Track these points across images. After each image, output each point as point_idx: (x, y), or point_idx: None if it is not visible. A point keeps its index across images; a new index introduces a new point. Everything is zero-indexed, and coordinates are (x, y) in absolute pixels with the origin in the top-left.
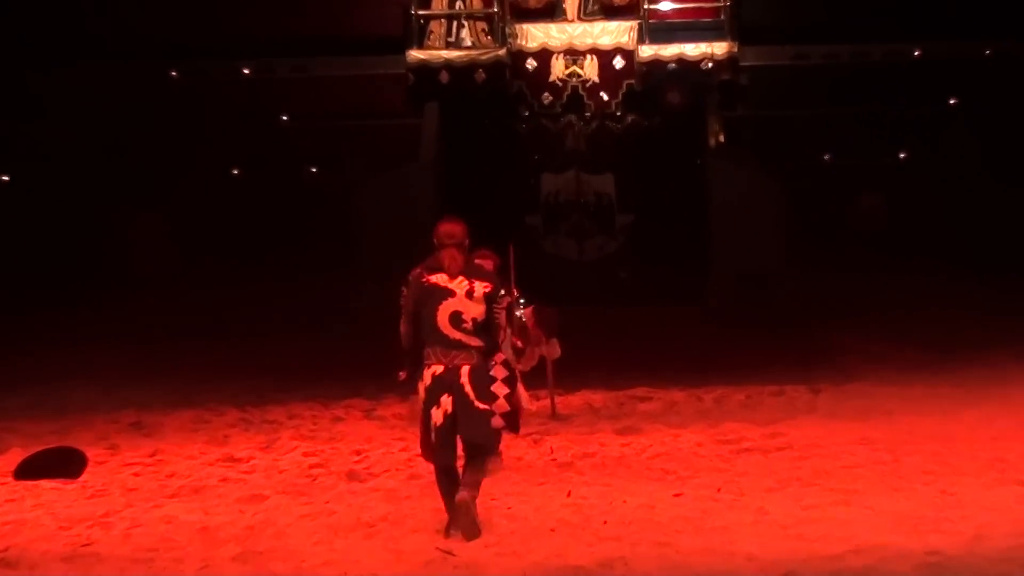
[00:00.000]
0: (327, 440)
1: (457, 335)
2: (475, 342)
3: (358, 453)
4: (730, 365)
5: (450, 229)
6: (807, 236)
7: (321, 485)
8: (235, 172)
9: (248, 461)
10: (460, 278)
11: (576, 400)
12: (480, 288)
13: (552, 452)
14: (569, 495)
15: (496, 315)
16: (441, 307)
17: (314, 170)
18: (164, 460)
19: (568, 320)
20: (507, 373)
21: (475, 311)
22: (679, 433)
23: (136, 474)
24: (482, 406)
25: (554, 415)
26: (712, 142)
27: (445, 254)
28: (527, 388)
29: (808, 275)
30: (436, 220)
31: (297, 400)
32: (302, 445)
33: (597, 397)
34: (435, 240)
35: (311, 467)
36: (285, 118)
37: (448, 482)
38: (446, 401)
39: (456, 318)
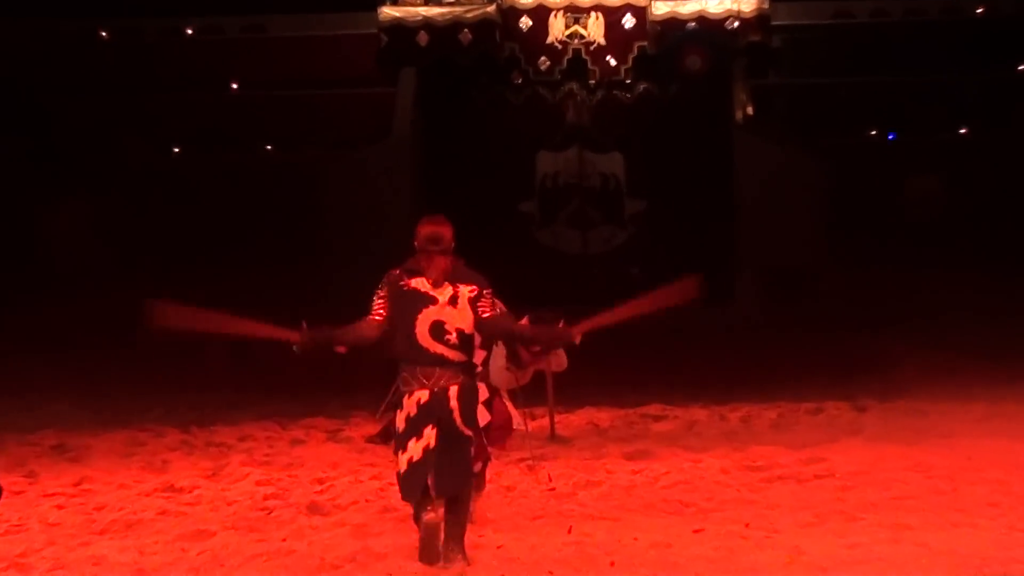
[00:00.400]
0: (284, 466)
1: (439, 349)
2: (459, 357)
3: (321, 482)
4: (760, 378)
5: (434, 232)
6: (851, 225)
7: (277, 519)
8: (176, 151)
9: (191, 491)
10: (444, 284)
11: (578, 419)
12: (465, 292)
13: (550, 480)
14: (570, 531)
15: (484, 316)
16: (420, 316)
17: (269, 148)
18: (92, 490)
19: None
20: (487, 395)
21: (460, 320)
22: (699, 458)
23: (59, 506)
24: (467, 431)
25: (553, 437)
26: (739, 115)
27: (427, 261)
28: (519, 405)
29: (852, 271)
30: (412, 206)
31: (249, 419)
32: (255, 472)
33: (603, 416)
34: (416, 244)
35: (266, 498)
36: (235, 87)
37: (432, 542)
38: (430, 434)
39: (438, 329)
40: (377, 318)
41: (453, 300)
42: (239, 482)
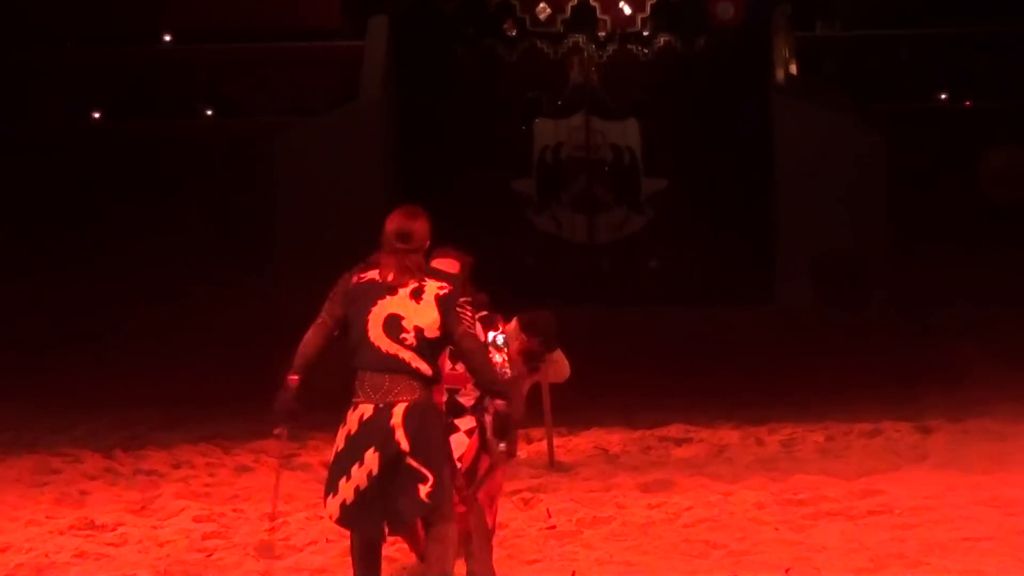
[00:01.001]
0: (228, 499)
1: (393, 348)
2: (416, 363)
3: (272, 518)
4: (805, 392)
5: (403, 227)
6: (916, 207)
7: (219, 564)
8: (96, 116)
9: (115, 529)
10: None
11: (584, 443)
12: (433, 287)
13: (550, 516)
14: None
15: (460, 328)
16: (375, 308)
17: (209, 113)
18: None
19: (571, 327)
20: (470, 425)
21: (421, 318)
22: (731, 490)
23: None
24: (413, 462)
25: (552, 464)
26: (780, 74)
27: (389, 262)
28: None
29: (915, 263)
30: (383, 184)
31: (186, 441)
32: (192, 506)
33: (614, 438)
34: (382, 241)
35: (205, 537)
36: (168, 39)
37: (367, 564)
38: (372, 459)
39: (393, 324)
40: (319, 320)
41: (416, 293)
42: (173, 518)
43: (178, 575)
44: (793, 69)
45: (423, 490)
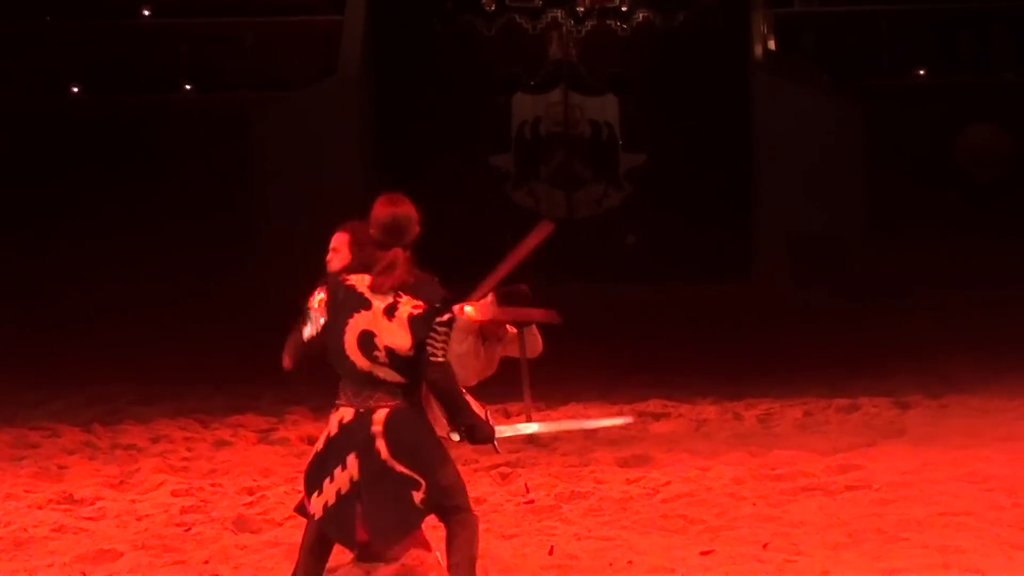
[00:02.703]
0: (206, 473)
1: (366, 365)
2: (393, 377)
3: (250, 492)
4: (782, 368)
5: (395, 218)
6: (892, 184)
7: (198, 537)
8: (74, 91)
9: (93, 503)
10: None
11: (562, 418)
12: (406, 307)
13: (528, 491)
14: (551, 553)
15: (433, 353)
16: (351, 321)
17: (188, 88)
18: None
19: (549, 303)
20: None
21: (392, 337)
22: (709, 465)
23: None
24: (401, 468)
25: (531, 439)
26: (758, 50)
27: (388, 256)
28: (485, 402)
29: (893, 240)
30: (361, 159)
31: (164, 415)
32: (170, 480)
33: (592, 413)
34: (372, 232)
35: (183, 512)
36: (147, 13)
37: (315, 558)
38: (352, 464)
39: (366, 341)
40: (304, 327)
41: (389, 311)
42: (151, 492)
43: (156, 549)
44: (771, 45)
45: (417, 496)
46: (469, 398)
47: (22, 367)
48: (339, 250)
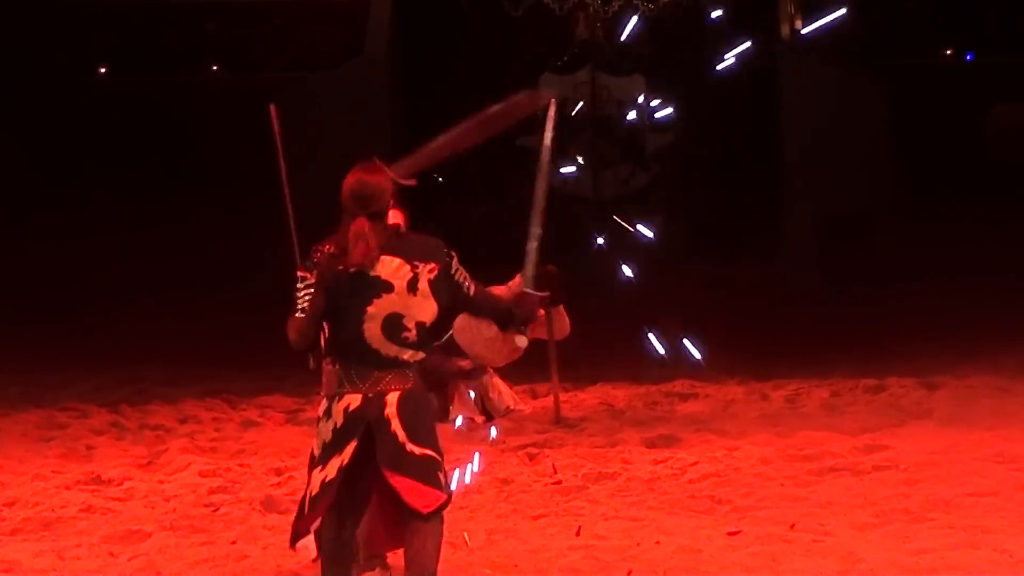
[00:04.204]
0: (234, 454)
1: (393, 351)
2: (416, 357)
3: (278, 472)
4: (809, 348)
5: (362, 185)
6: (922, 164)
7: (226, 518)
8: (101, 70)
9: (121, 483)
10: (392, 259)
11: (589, 398)
12: (424, 275)
13: (555, 472)
14: (578, 533)
15: (466, 290)
16: (370, 309)
17: (216, 68)
18: (1, 482)
19: (576, 284)
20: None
21: (421, 311)
22: (736, 445)
23: None
24: (419, 450)
25: (558, 420)
26: (785, 29)
27: (352, 227)
28: (513, 383)
29: (922, 219)
30: (389, 140)
31: (192, 396)
32: (198, 461)
33: (619, 394)
34: (341, 203)
35: (211, 492)
36: None
37: (338, 564)
38: (348, 450)
39: (394, 325)
40: (300, 315)
41: (412, 286)
42: (179, 473)
43: (184, 529)
44: (798, 24)
45: (441, 477)
46: (496, 379)
47: (50, 349)
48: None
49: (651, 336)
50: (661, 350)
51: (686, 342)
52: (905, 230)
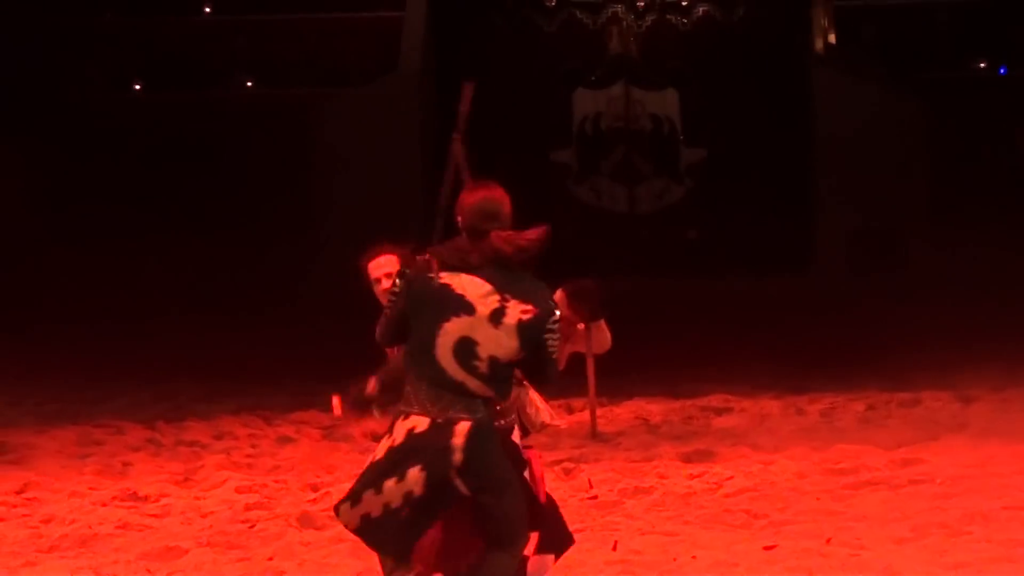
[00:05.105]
0: (270, 470)
1: (460, 375)
2: (485, 392)
3: (314, 488)
4: (845, 362)
5: (490, 202)
6: (955, 177)
7: (262, 534)
8: (136, 87)
9: (158, 500)
10: (483, 284)
11: (625, 413)
12: (515, 312)
13: (591, 487)
14: (615, 548)
15: (551, 351)
16: (447, 325)
17: (250, 84)
18: (38, 499)
19: (612, 298)
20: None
21: (498, 347)
22: (772, 459)
23: None
24: (467, 488)
25: (594, 434)
26: (818, 44)
27: (477, 246)
28: (548, 397)
29: (956, 231)
30: (422, 155)
31: (227, 412)
32: (234, 477)
33: (654, 408)
34: (461, 220)
35: (248, 508)
36: (208, 10)
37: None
38: (415, 478)
39: (466, 349)
40: (393, 315)
41: (496, 317)
42: (215, 489)
43: (221, 546)
44: (832, 38)
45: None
46: (534, 393)
47: (87, 364)
48: (393, 274)
49: None
50: None
51: None
52: (938, 242)
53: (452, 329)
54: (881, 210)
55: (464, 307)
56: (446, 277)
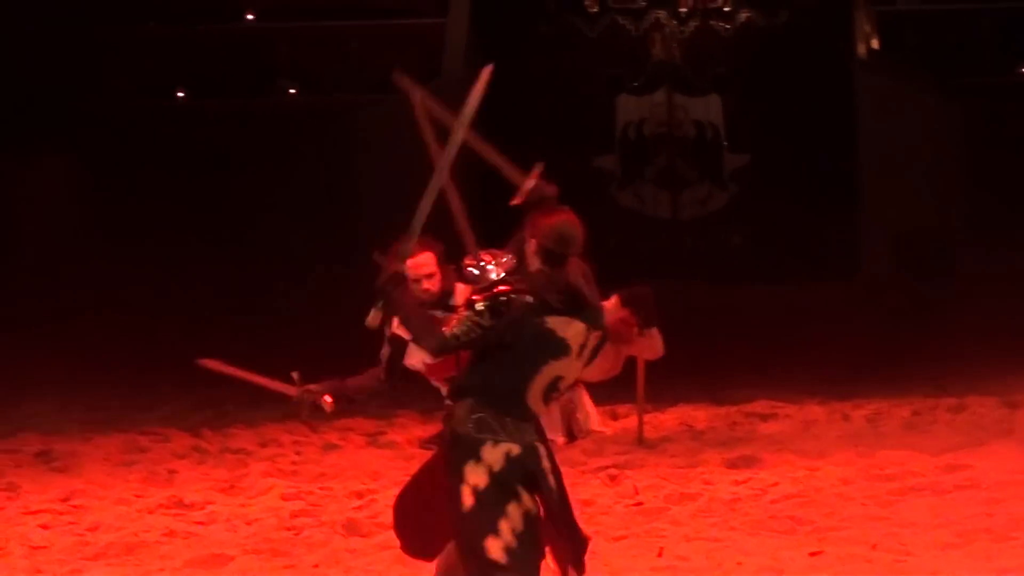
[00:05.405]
0: (315, 477)
1: (540, 410)
2: (546, 414)
3: (360, 496)
4: (889, 367)
5: (570, 226)
6: (999, 181)
7: (308, 541)
8: (179, 96)
9: (204, 507)
10: (583, 328)
11: (670, 419)
12: (592, 340)
13: (636, 493)
14: (661, 554)
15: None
16: (545, 369)
17: (293, 92)
18: (84, 506)
19: (659, 304)
20: None
21: (573, 375)
22: (817, 465)
23: (44, 526)
24: (565, 504)
25: (641, 440)
26: (862, 49)
27: (573, 270)
28: (597, 402)
29: (1001, 237)
30: (466, 162)
31: (272, 420)
32: (280, 484)
33: (699, 415)
34: (536, 241)
35: (293, 516)
36: (250, 17)
37: None
38: (527, 498)
39: (552, 386)
40: (451, 336)
41: (581, 351)
42: (261, 496)
43: (266, 553)
44: (875, 44)
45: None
46: (587, 397)
47: (132, 371)
48: (435, 273)
49: None
50: None
51: None
52: (983, 247)
53: (549, 371)
54: (926, 215)
55: (564, 350)
56: (551, 322)
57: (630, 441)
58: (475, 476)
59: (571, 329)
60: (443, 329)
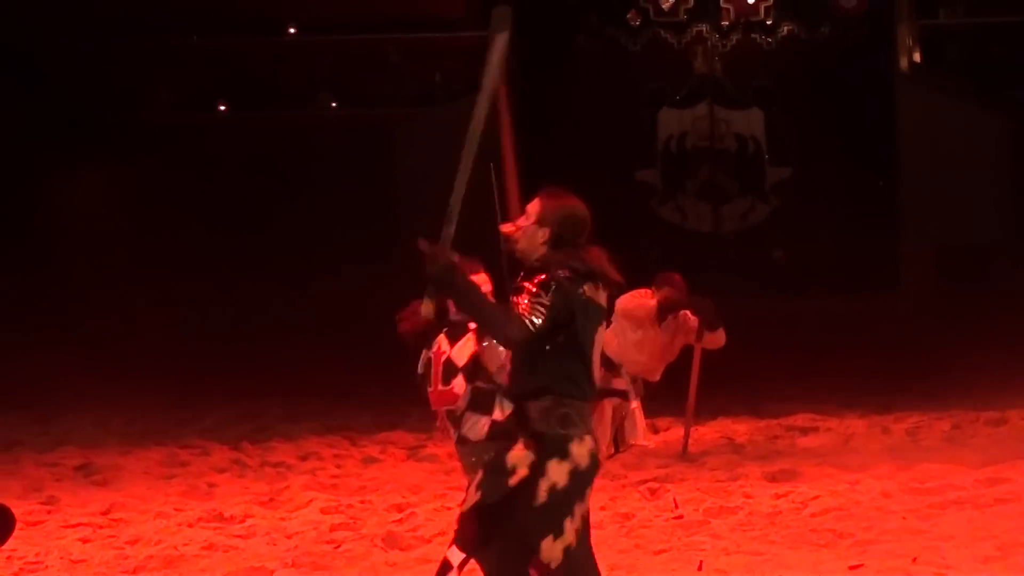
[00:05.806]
0: (355, 490)
1: (601, 380)
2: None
3: (400, 509)
4: (931, 380)
5: (583, 210)
6: None
7: (348, 554)
8: (222, 108)
9: (243, 521)
10: (605, 295)
11: (710, 432)
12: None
13: (677, 507)
14: (701, 568)
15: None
16: (597, 337)
17: (334, 105)
18: (124, 520)
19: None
20: None
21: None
22: (857, 479)
23: (84, 540)
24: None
25: (685, 452)
26: (904, 62)
27: (598, 252)
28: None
29: None
30: (506, 175)
31: (313, 433)
32: (320, 498)
33: (740, 428)
34: (551, 228)
35: (333, 529)
36: (293, 31)
37: None
38: (588, 497)
39: (602, 358)
40: (536, 319)
41: (609, 315)
42: (301, 509)
43: (306, 567)
44: (917, 57)
45: None
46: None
47: (172, 384)
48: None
49: None
50: None
51: None
52: None
53: (599, 341)
54: (967, 228)
55: (602, 316)
56: (586, 289)
57: (671, 454)
58: (558, 473)
59: (600, 296)
60: (518, 314)
